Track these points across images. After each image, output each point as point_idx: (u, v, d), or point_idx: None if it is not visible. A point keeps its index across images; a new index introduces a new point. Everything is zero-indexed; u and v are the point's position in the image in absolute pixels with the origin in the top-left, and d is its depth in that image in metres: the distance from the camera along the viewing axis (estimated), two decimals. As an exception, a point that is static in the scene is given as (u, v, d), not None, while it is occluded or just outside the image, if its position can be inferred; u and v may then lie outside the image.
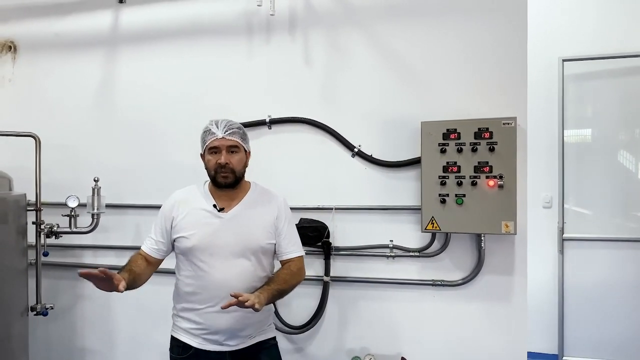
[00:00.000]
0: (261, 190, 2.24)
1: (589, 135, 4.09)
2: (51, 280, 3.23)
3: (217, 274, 2.04)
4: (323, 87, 2.82)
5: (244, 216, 2.12)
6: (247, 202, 2.16)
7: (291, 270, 2.13)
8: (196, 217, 2.10)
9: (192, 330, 2.12)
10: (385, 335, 2.75)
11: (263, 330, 2.20)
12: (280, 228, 2.16)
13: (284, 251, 2.17)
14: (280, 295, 2.06)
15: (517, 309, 2.57)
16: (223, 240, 2.06)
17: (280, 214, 2.17)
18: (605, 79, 4.04)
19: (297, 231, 2.26)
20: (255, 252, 2.09)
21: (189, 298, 2.12)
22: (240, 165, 2.11)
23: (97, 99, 3.20)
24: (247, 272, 2.07)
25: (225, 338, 2.08)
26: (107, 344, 3.24)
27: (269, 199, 2.20)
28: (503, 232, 2.42)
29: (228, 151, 2.08)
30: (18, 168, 2.93)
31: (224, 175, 2.07)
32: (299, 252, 2.20)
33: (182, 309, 2.15)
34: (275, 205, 2.18)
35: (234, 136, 2.09)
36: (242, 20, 2.94)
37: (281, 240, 2.16)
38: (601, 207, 4.02)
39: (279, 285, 2.03)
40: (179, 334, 2.17)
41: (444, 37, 2.64)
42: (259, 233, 2.11)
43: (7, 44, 3.38)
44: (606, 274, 3.93)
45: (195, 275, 2.08)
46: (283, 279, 2.08)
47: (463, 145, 2.47)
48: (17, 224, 2.71)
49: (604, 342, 3.94)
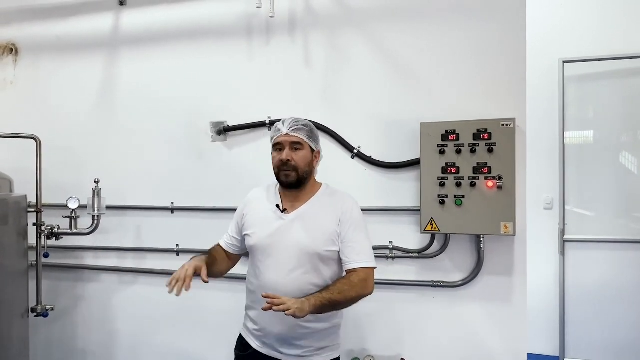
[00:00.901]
0: (331, 192, 2.13)
1: (590, 137, 4.09)
2: (52, 282, 3.25)
3: (271, 276, 1.99)
4: (323, 89, 2.83)
5: (305, 219, 2.03)
6: (312, 204, 2.07)
7: (350, 281, 1.92)
8: (261, 216, 2.09)
9: (253, 330, 2.11)
10: (385, 337, 2.75)
11: (326, 349, 2.06)
12: (343, 234, 2.00)
13: (347, 260, 1.98)
14: (332, 306, 1.88)
15: (517, 310, 2.56)
16: (280, 242, 2.00)
17: (344, 218, 2.01)
18: (606, 80, 4.03)
19: (368, 239, 2.04)
20: (312, 258, 1.97)
21: (250, 297, 2.12)
22: (303, 163, 2.03)
23: (98, 101, 3.22)
24: (301, 278, 1.96)
25: (280, 344, 2.01)
26: (108, 345, 3.24)
27: (336, 202, 2.06)
28: (502, 233, 2.42)
29: (291, 148, 2.02)
30: (19, 169, 2.94)
31: (286, 173, 2.01)
32: (364, 263, 1.97)
33: (247, 306, 2.17)
34: (341, 209, 2.03)
35: (298, 132, 2.02)
36: (242, 22, 2.95)
37: (344, 247, 1.99)
38: (603, 209, 4.01)
39: (332, 295, 1.85)
40: (244, 331, 2.18)
41: (443, 39, 2.64)
42: (319, 238, 1.99)
43: (9, 47, 3.40)
44: (607, 275, 3.92)
45: (255, 274, 2.07)
46: (339, 288, 1.88)
47: (462, 146, 2.47)
48: (17, 226, 2.72)
49: (605, 344, 3.93)
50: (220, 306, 2.94)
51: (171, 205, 3.06)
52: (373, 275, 2.00)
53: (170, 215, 3.07)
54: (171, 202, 3.06)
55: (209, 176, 3.00)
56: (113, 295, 3.23)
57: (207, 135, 3.00)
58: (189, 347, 3.06)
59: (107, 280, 3.24)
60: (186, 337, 3.07)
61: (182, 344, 3.08)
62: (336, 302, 1.87)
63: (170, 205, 3.06)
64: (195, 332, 3.04)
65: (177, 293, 1.84)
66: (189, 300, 3.01)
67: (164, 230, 3.09)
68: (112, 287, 3.23)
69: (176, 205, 3.06)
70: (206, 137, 3.00)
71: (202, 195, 3.00)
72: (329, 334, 2.07)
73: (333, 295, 1.85)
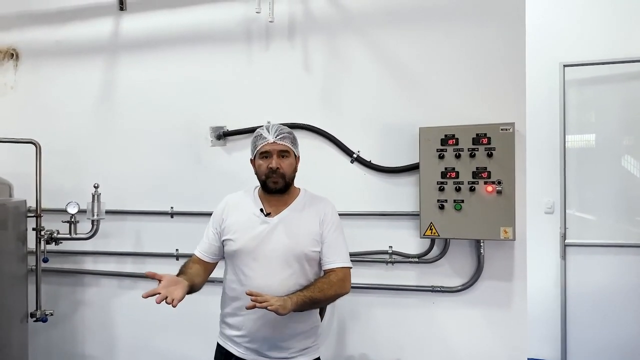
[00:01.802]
0: (311, 196, 2.19)
1: (592, 141, 4.07)
2: (51, 287, 3.25)
3: (259, 280, 2.00)
4: (322, 93, 2.82)
5: (289, 222, 2.07)
6: (295, 207, 2.11)
7: (330, 280, 2.00)
8: (243, 221, 2.10)
9: (235, 337, 2.09)
10: (385, 342, 2.74)
11: (307, 350, 2.10)
12: (324, 235, 2.08)
13: (326, 260, 2.06)
14: (312, 304, 1.95)
15: (517, 315, 2.55)
16: (267, 245, 2.03)
17: (325, 219, 2.09)
18: (607, 84, 4.02)
19: (345, 241, 2.14)
20: (300, 259, 2.03)
21: (232, 303, 2.10)
22: (290, 169, 2.08)
23: (98, 106, 3.22)
24: (290, 280, 2.00)
25: (267, 348, 2.02)
26: (107, 350, 3.24)
27: (317, 205, 2.14)
28: (502, 238, 2.41)
29: (279, 156, 2.05)
30: (18, 174, 2.94)
31: (275, 181, 2.04)
32: (342, 263, 2.06)
33: (226, 314, 2.15)
34: (322, 211, 2.11)
35: (284, 141, 2.06)
36: (241, 27, 2.95)
37: (324, 247, 2.07)
38: (604, 213, 3.99)
39: (313, 293, 1.92)
40: (222, 340, 2.17)
41: (442, 43, 2.64)
42: (304, 240, 2.05)
43: (9, 52, 3.41)
44: (609, 279, 3.89)
45: (239, 280, 2.06)
46: (319, 287, 1.96)
47: (461, 150, 2.46)
48: (17, 230, 2.72)
49: (607, 349, 3.90)
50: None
51: (171, 209, 3.06)
52: (350, 275, 2.09)
53: (170, 219, 3.06)
54: (171, 206, 3.06)
55: (208, 181, 2.99)
56: (112, 300, 3.23)
57: (207, 139, 3.00)
58: (188, 352, 3.05)
59: (106, 285, 3.24)
60: (186, 342, 3.07)
61: (182, 349, 3.08)
62: (316, 299, 1.94)
63: (169, 210, 3.06)
64: (195, 337, 3.03)
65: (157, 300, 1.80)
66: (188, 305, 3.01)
67: (163, 235, 3.09)
68: (111, 292, 3.23)
69: (176, 210, 3.06)
70: (206, 142, 3.00)
71: (201, 200, 2.99)
72: (310, 334, 2.12)
73: (314, 293, 1.92)
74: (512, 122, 2.41)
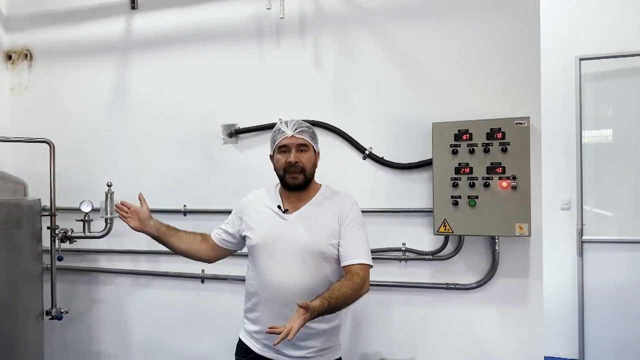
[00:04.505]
0: (331, 192, 2.14)
1: (610, 136, 4.00)
2: (66, 285, 3.28)
3: (275, 276, 1.99)
4: (333, 90, 2.81)
5: (307, 218, 2.04)
6: (314, 204, 2.08)
7: (354, 283, 1.88)
8: (262, 217, 2.09)
9: (254, 333, 2.10)
10: (399, 340, 2.71)
11: (328, 349, 2.07)
12: (342, 230, 2.01)
13: (345, 256, 1.98)
14: (332, 311, 1.84)
15: (533, 313, 2.51)
16: (283, 242, 2.01)
17: (344, 214, 2.03)
18: (625, 77, 3.95)
19: (366, 237, 2.05)
20: (315, 257, 1.98)
21: (252, 299, 2.11)
22: (309, 164, 2.05)
23: (111, 105, 3.24)
24: (306, 277, 1.97)
25: (284, 346, 1.94)
26: (122, 348, 3.26)
27: (336, 201, 2.08)
28: (517, 235, 2.37)
29: (298, 149, 2.02)
30: (33, 173, 2.98)
31: (294, 176, 2.02)
32: (361, 259, 1.97)
33: (247, 309, 2.15)
34: (341, 206, 2.05)
35: (303, 135, 2.03)
36: (252, 24, 2.94)
37: (343, 243, 2.00)
38: (622, 209, 3.93)
39: (338, 302, 1.80)
40: (243, 335, 2.17)
41: (455, 37, 2.60)
42: (321, 236, 2.00)
43: (24, 52, 3.44)
44: (627, 276, 3.83)
45: (257, 276, 2.07)
46: (344, 294, 1.83)
47: (475, 146, 2.43)
48: (32, 229, 2.74)
49: (626, 347, 3.84)
50: (234, 309, 2.90)
51: (183, 208, 3.07)
52: (369, 274, 2.00)
53: (183, 217, 3.07)
54: (183, 204, 3.07)
55: (220, 179, 2.99)
56: (127, 298, 3.24)
57: (219, 137, 2.99)
58: (202, 350, 3.06)
59: (121, 283, 3.26)
60: (200, 339, 3.07)
61: (196, 347, 3.08)
62: (337, 307, 1.85)
63: (182, 208, 3.07)
64: (209, 335, 3.04)
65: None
66: (203, 302, 3.05)
67: (176, 233, 3.08)
68: (126, 290, 3.25)
69: (188, 208, 3.06)
70: (218, 140, 3.00)
71: (214, 198, 2.99)
72: (331, 334, 2.08)
73: (338, 302, 1.81)
74: (527, 116, 2.37)
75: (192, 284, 3.08)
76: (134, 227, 2.18)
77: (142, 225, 2.18)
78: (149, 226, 2.18)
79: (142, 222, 2.18)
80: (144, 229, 2.18)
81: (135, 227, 2.18)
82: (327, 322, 2.00)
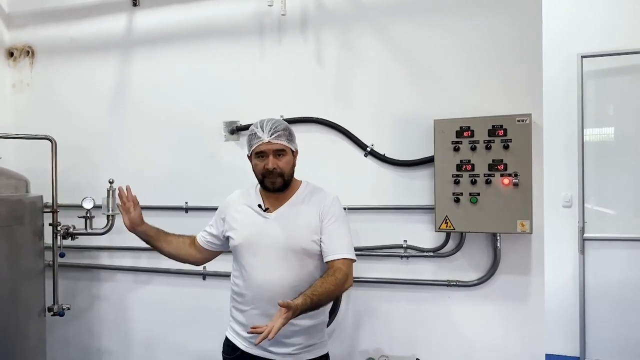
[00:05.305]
0: (312, 189, 2.14)
1: (611, 134, 4.00)
2: (68, 281, 3.28)
3: (259, 275, 2.01)
4: (335, 87, 2.80)
5: (288, 216, 2.05)
6: (294, 201, 2.09)
7: (336, 278, 1.89)
8: (244, 216, 2.11)
9: (240, 331, 2.11)
10: (400, 337, 2.72)
11: (314, 346, 2.08)
12: (324, 227, 2.02)
13: (327, 252, 1.99)
14: (315, 308, 1.85)
15: (534, 310, 2.51)
16: (266, 240, 2.02)
17: (325, 210, 2.04)
18: (627, 75, 3.95)
19: (348, 233, 2.06)
20: (298, 254, 2.00)
21: (237, 298, 2.12)
22: (288, 167, 2.04)
23: (112, 102, 3.24)
24: (289, 275, 1.99)
25: (269, 343, 1.93)
26: (123, 344, 3.26)
27: (317, 197, 2.09)
28: (519, 232, 2.37)
29: (275, 155, 2.01)
30: (35, 170, 2.98)
31: (272, 181, 2.02)
32: (344, 254, 1.98)
33: (232, 308, 2.17)
34: (322, 203, 2.06)
35: (280, 139, 2.00)
36: (253, 21, 2.94)
37: (325, 239, 2.01)
38: (624, 206, 3.93)
39: (320, 298, 1.82)
40: (229, 333, 2.19)
41: (457, 34, 2.60)
42: (302, 233, 2.01)
43: (25, 49, 3.44)
44: (629, 274, 3.83)
45: (241, 275, 2.08)
46: (326, 289, 1.84)
47: (477, 143, 2.43)
48: (33, 226, 2.74)
49: (627, 344, 3.84)
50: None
51: (185, 205, 3.07)
52: (352, 269, 2.00)
53: (185, 214, 3.07)
54: (185, 201, 3.07)
55: (222, 175, 2.99)
56: (128, 294, 3.25)
57: (220, 134, 3.00)
58: (204, 347, 3.06)
59: (122, 280, 3.26)
60: (201, 336, 3.08)
61: (197, 344, 3.09)
62: (320, 304, 1.87)
63: (184, 205, 3.07)
64: (210, 332, 3.04)
65: None
66: (204, 299, 3.05)
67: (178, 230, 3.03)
68: (127, 287, 3.25)
69: (190, 205, 3.06)
70: (219, 137, 3.00)
71: (216, 195, 2.95)
72: (316, 331, 2.09)
73: (321, 298, 1.83)
74: (529, 113, 2.37)
75: (193, 280, 3.09)
76: (127, 226, 2.23)
77: (134, 227, 2.23)
78: (141, 227, 2.24)
79: (134, 223, 2.22)
80: (135, 230, 2.24)
81: (128, 227, 2.23)
82: (311, 318, 2.00)
